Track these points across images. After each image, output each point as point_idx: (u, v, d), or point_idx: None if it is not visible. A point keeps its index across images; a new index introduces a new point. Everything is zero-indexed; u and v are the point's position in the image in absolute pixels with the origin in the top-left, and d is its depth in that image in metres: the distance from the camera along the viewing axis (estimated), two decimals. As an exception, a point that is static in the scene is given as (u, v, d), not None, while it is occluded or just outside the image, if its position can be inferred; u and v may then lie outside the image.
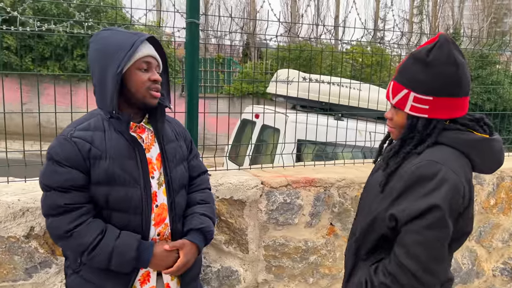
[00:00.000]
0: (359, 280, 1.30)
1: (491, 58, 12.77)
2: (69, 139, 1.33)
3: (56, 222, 1.32)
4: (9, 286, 1.70)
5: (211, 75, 13.08)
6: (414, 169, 1.18)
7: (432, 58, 1.18)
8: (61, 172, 1.31)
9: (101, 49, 1.37)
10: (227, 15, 2.29)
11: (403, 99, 1.24)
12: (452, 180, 1.14)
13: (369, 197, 1.36)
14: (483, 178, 2.64)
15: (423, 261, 1.14)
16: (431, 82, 1.19)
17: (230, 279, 2.10)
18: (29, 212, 1.67)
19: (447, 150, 1.22)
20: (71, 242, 1.32)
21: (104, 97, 1.36)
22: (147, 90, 1.39)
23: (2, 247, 1.65)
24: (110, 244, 1.32)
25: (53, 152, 1.32)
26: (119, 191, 1.35)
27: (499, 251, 2.83)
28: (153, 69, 1.42)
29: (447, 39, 1.19)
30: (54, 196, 1.31)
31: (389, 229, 1.24)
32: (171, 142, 1.52)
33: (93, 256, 1.32)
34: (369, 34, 2.59)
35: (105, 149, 1.35)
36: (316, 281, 2.29)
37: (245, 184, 2.04)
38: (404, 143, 1.28)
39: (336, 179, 2.26)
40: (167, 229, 1.49)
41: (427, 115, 1.22)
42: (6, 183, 1.88)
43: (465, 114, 1.26)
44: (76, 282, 1.42)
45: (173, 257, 1.44)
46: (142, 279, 1.46)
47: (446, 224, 1.14)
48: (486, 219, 2.73)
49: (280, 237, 2.17)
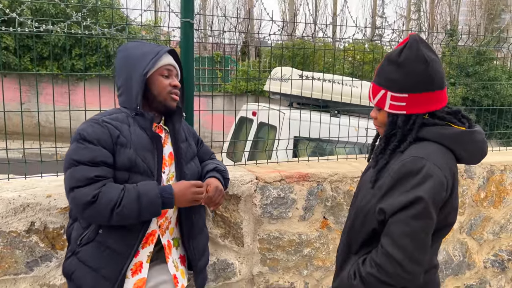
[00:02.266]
0: (348, 273, 1.36)
1: (488, 55, 12.82)
2: (101, 123, 1.45)
3: (82, 191, 1.37)
4: (11, 280, 1.76)
5: (208, 73, 13.11)
6: (400, 166, 1.25)
7: (403, 58, 1.27)
8: (92, 148, 1.40)
9: (128, 56, 1.55)
10: (221, 15, 2.33)
11: (382, 99, 1.32)
12: (436, 174, 1.21)
13: (361, 194, 1.42)
14: (474, 172, 2.70)
15: (408, 251, 1.19)
16: (404, 80, 1.27)
17: (226, 271, 2.16)
18: (29, 208, 1.72)
19: (431, 146, 1.28)
20: (99, 204, 1.37)
21: (129, 97, 1.53)
22: (168, 94, 1.57)
23: (4, 242, 1.71)
24: (134, 192, 1.41)
25: (85, 133, 1.42)
26: (137, 179, 1.47)
27: (490, 243, 2.89)
28: (173, 76, 1.61)
29: (416, 39, 1.27)
30: (84, 169, 1.38)
31: (378, 223, 1.30)
32: (183, 142, 1.68)
33: (123, 207, 1.38)
34: (361, 32, 2.64)
35: (130, 140, 1.47)
36: (310, 273, 2.34)
37: (240, 179, 2.10)
38: (389, 140, 1.35)
39: (329, 174, 2.32)
40: (167, 222, 1.61)
41: (405, 111, 1.30)
42: (6, 180, 1.93)
43: (444, 106, 1.32)
44: (73, 264, 1.48)
45: (194, 190, 1.53)
46: (134, 269, 1.52)
47: (430, 215, 1.20)
48: (477, 212, 2.79)
49: (274, 231, 2.23)
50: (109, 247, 1.45)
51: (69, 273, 1.48)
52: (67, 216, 1.78)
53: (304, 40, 3.25)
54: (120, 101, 1.59)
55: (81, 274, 1.45)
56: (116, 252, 1.46)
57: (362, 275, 1.28)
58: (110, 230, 1.46)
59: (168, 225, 1.62)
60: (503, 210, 2.86)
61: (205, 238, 1.82)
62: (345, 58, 10.64)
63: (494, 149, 3.22)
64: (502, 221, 2.87)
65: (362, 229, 1.37)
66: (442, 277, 2.75)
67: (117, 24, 2.35)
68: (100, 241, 1.45)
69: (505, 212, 2.87)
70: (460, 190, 2.67)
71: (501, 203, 2.83)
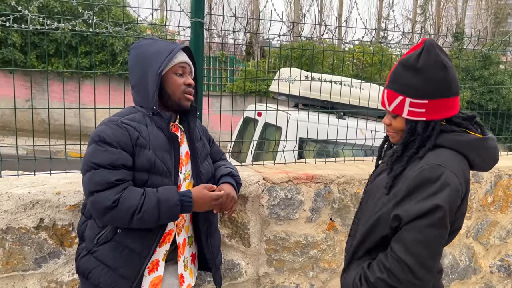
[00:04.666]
0: (353, 281, 1.34)
1: (494, 58, 12.76)
2: (120, 125, 1.44)
3: (102, 196, 1.36)
4: (19, 276, 1.76)
5: (214, 73, 13.13)
6: (418, 172, 1.24)
7: (421, 63, 1.25)
8: (112, 151, 1.39)
9: (142, 54, 1.53)
10: (231, 15, 2.34)
11: (400, 105, 1.30)
12: (453, 183, 1.20)
13: (373, 200, 1.39)
14: (481, 176, 2.69)
15: (422, 258, 1.19)
16: (424, 86, 1.25)
17: (232, 271, 2.16)
18: (38, 205, 1.73)
19: (448, 153, 1.27)
20: (120, 209, 1.36)
21: (145, 96, 1.51)
22: (182, 94, 1.56)
23: (13, 238, 1.71)
24: (154, 198, 1.40)
25: (105, 135, 1.40)
26: (156, 180, 1.47)
27: (496, 248, 2.88)
28: (187, 74, 1.59)
29: (432, 44, 1.26)
30: (104, 173, 1.37)
31: (391, 229, 1.29)
32: (198, 141, 1.68)
33: (143, 213, 1.38)
34: (370, 34, 2.64)
35: (149, 141, 1.47)
36: (316, 275, 2.34)
37: (247, 179, 2.10)
38: (407, 147, 1.33)
39: (336, 176, 2.31)
40: (183, 220, 1.62)
41: (425, 117, 1.28)
42: (16, 176, 1.94)
43: (458, 112, 1.32)
44: (90, 262, 1.47)
45: (214, 204, 1.54)
46: (151, 267, 1.53)
47: (446, 224, 1.21)
48: (484, 216, 2.77)
49: (281, 232, 2.23)
50: (127, 246, 1.45)
51: (86, 272, 1.48)
52: (75, 214, 1.78)
53: (312, 40, 3.25)
54: (135, 100, 1.58)
55: (99, 273, 1.45)
56: (135, 252, 1.46)
57: (371, 281, 1.27)
58: (128, 230, 1.45)
59: (184, 224, 1.62)
60: (510, 215, 2.85)
61: (219, 236, 1.84)
62: (351, 60, 10.63)
63: (502, 153, 3.20)
64: (509, 226, 2.86)
65: (371, 236, 1.36)
66: (448, 281, 2.74)
67: (127, 23, 2.35)
68: (118, 241, 1.45)
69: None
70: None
71: (508, 208, 2.82)
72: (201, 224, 1.67)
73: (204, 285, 2.09)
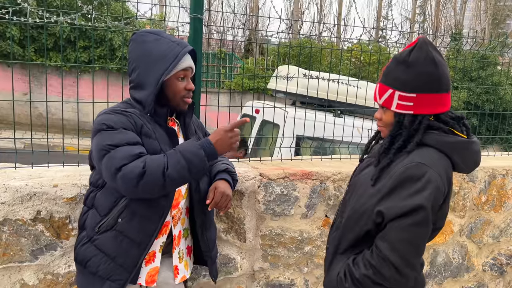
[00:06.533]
0: (338, 275, 1.36)
1: (492, 59, 12.80)
2: (123, 112, 1.44)
3: (130, 166, 1.34)
4: (15, 267, 1.77)
5: (212, 70, 13.13)
6: (403, 170, 1.27)
7: (412, 58, 1.28)
8: (125, 132, 1.41)
9: (146, 52, 1.49)
10: (230, 11, 2.35)
11: (389, 99, 1.33)
12: (436, 182, 1.24)
13: (358, 194, 1.41)
14: (475, 176, 2.72)
15: (406, 256, 1.23)
16: (413, 80, 1.28)
17: (227, 266, 2.18)
18: (36, 197, 1.74)
19: (433, 153, 1.30)
20: (150, 173, 1.34)
21: (142, 97, 1.50)
22: (182, 98, 1.55)
23: (10, 230, 1.72)
24: (174, 152, 1.40)
25: (111, 122, 1.40)
26: None
27: (489, 247, 2.91)
28: (188, 78, 1.57)
29: (425, 41, 1.29)
30: (126, 149, 1.37)
31: (374, 225, 1.31)
32: (193, 135, 1.68)
33: (173, 167, 1.36)
34: (368, 33, 2.65)
35: (153, 132, 1.49)
36: (310, 271, 2.36)
37: (244, 175, 2.11)
38: (394, 139, 1.36)
39: (332, 173, 2.33)
40: (179, 213, 1.63)
41: (412, 111, 1.31)
42: (13, 168, 1.95)
43: (448, 110, 1.34)
44: (90, 250, 1.49)
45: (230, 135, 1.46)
46: (148, 259, 1.55)
47: (429, 223, 1.25)
48: (478, 215, 2.80)
49: (276, 227, 2.25)
50: (127, 236, 1.47)
51: (85, 260, 1.49)
52: (72, 206, 1.80)
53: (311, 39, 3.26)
54: (133, 96, 1.55)
55: (98, 261, 1.47)
56: (135, 242, 1.47)
57: (356, 277, 1.30)
58: (130, 219, 1.46)
59: (180, 216, 1.64)
60: (503, 214, 2.88)
61: (215, 230, 1.85)
62: (349, 58, 10.64)
63: (496, 153, 3.23)
64: (502, 225, 2.89)
65: (354, 229, 1.38)
66: (441, 279, 2.78)
67: (126, 18, 2.36)
68: (119, 230, 1.46)
69: (505, 216, 2.89)
70: (462, 193, 2.69)
71: (501, 207, 2.85)
72: (197, 217, 1.68)
73: (199, 279, 2.11)
